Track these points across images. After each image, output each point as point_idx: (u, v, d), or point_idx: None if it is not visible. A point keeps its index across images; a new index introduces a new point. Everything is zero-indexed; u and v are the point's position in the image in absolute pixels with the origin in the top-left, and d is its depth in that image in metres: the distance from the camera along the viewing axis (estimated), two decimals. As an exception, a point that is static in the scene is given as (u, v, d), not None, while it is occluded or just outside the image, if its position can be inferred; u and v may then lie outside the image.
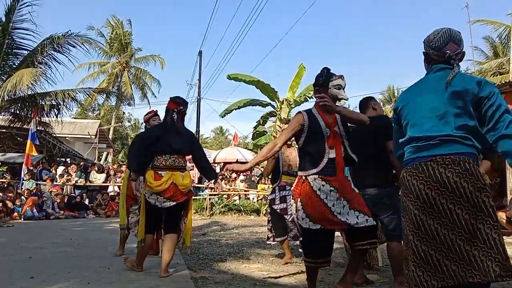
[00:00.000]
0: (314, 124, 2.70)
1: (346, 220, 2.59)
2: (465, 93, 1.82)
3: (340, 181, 2.66)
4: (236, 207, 11.81)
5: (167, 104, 3.72)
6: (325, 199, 2.61)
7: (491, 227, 1.73)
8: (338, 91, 2.73)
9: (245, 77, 16.93)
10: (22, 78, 10.89)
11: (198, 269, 3.93)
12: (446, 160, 1.79)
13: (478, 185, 1.76)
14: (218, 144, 41.91)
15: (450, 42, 1.92)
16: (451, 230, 1.76)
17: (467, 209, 1.75)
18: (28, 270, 3.68)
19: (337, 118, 2.76)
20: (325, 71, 2.76)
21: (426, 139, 1.86)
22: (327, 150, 2.66)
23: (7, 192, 10.56)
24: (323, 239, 2.67)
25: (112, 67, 27.35)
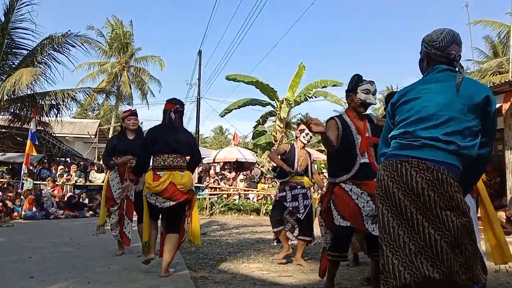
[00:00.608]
0: (347, 130, 2.83)
1: (366, 224, 2.74)
2: (470, 101, 1.77)
3: (371, 186, 2.70)
4: (236, 206, 11.82)
5: (164, 106, 3.77)
6: (356, 199, 2.77)
7: (447, 241, 1.66)
8: (366, 95, 2.81)
9: (244, 78, 16.92)
10: (21, 78, 10.87)
11: (198, 269, 3.92)
12: (421, 164, 1.74)
13: (445, 197, 1.70)
14: (218, 143, 41.91)
15: (453, 44, 1.88)
16: (407, 233, 1.72)
17: (427, 217, 1.71)
18: (27, 270, 3.68)
19: (368, 125, 2.86)
20: (355, 76, 2.87)
21: (411, 138, 1.81)
22: (358, 156, 2.78)
23: (7, 192, 10.55)
24: (348, 236, 2.87)
25: (112, 67, 27.34)
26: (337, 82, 17.09)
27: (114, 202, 4.59)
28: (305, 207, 4.38)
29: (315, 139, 18.44)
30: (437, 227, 1.69)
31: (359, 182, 2.79)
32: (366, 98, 2.82)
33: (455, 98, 1.78)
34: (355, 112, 2.92)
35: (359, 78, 2.88)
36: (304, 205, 4.38)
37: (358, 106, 2.88)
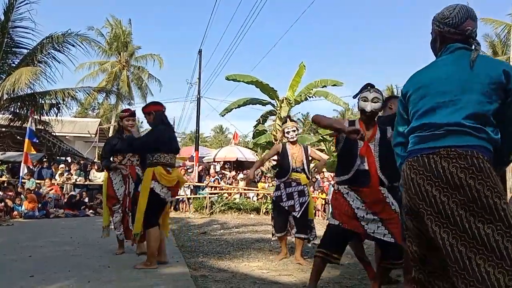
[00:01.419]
0: None
1: (365, 225, 2.75)
2: (488, 79, 1.59)
3: (368, 194, 2.77)
4: (236, 205, 11.82)
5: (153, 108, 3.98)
6: (351, 201, 2.79)
7: (502, 234, 1.45)
8: (364, 103, 2.85)
9: (244, 78, 16.90)
10: (21, 77, 10.86)
11: (198, 268, 3.93)
12: (451, 153, 1.56)
13: (488, 183, 1.50)
14: (218, 142, 41.87)
15: (468, 19, 1.72)
16: (452, 233, 1.52)
17: (471, 210, 1.49)
18: (28, 269, 3.68)
19: (377, 136, 2.87)
20: (364, 85, 2.92)
21: (432, 128, 1.64)
22: (357, 161, 2.80)
23: (7, 191, 10.55)
24: (339, 236, 2.81)
25: (112, 66, 27.32)
26: (337, 82, 17.07)
27: (116, 200, 4.60)
28: (301, 205, 4.38)
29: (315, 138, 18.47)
30: (485, 220, 1.48)
31: (356, 189, 2.81)
32: (364, 106, 2.85)
33: (471, 78, 1.62)
34: (365, 118, 2.94)
35: (364, 87, 2.93)
36: (300, 203, 4.39)
37: (360, 114, 2.94)
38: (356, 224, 2.77)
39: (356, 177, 2.81)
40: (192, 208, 12.16)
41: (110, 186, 4.62)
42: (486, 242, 1.46)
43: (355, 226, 2.77)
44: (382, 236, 2.73)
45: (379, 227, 2.74)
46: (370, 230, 2.75)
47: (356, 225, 2.77)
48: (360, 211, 2.77)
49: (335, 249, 2.82)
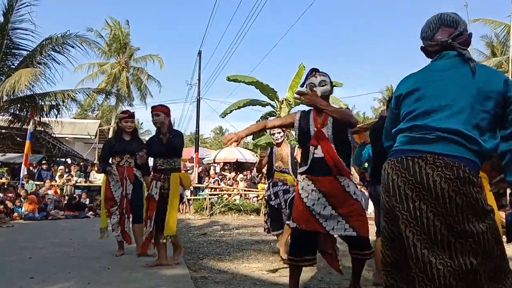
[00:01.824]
0: (304, 123, 2.78)
1: (323, 223, 2.64)
2: (488, 89, 1.56)
3: (326, 183, 2.64)
4: (236, 207, 11.82)
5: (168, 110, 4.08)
6: (305, 198, 2.67)
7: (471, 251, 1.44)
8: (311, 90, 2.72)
9: (245, 78, 16.96)
10: (20, 78, 10.88)
11: (198, 269, 3.92)
12: (437, 161, 1.51)
13: (468, 199, 1.46)
14: (217, 144, 41.88)
15: (442, 27, 1.69)
16: (424, 242, 1.48)
17: (448, 223, 1.46)
18: (27, 270, 3.68)
19: (329, 121, 2.71)
20: (309, 70, 2.82)
21: (424, 130, 1.58)
22: (311, 149, 2.68)
23: (7, 192, 10.56)
24: (303, 238, 2.69)
25: (111, 67, 27.33)
26: (337, 83, 17.09)
27: (114, 202, 4.60)
28: (286, 201, 4.43)
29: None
30: (458, 235, 1.46)
31: (314, 178, 2.67)
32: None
33: (470, 84, 1.58)
34: None
35: (309, 73, 2.80)
36: (284, 200, 4.45)
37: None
38: (314, 224, 2.65)
39: (313, 166, 2.67)
40: (192, 209, 12.16)
41: (108, 188, 4.62)
42: (454, 257, 1.44)
43: (313, 226, 2.65)
44: (343, 231, 2.62)
45: (339, 221, 2.63)
46: (329, 227, 2.63)
47: (314, 225, 2.65)
48: (317, 206, 2.63)
49: (303, 252, 2.69)
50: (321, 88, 2.71)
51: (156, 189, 3.97)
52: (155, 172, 4.05)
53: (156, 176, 4.01)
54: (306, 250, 2.70)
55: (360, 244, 2.69)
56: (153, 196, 3.97)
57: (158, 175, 3.99)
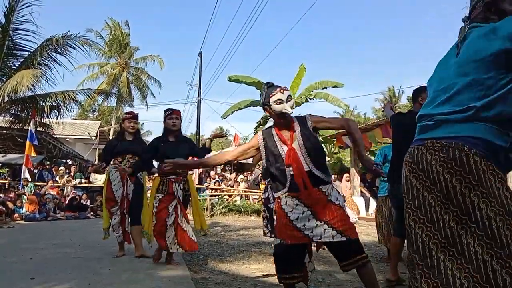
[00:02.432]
0: (271, 144, 2.63)
1: (309, 234, 2.49)
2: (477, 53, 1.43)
3: (309, 196, 2.52)
4: (237, 207, 11.81)
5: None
6: (289, 212, 2.54)
7: (474, 236, 1.34)
8: (280, 105, 2.57)
9: (246, 79, 16.98)
10: (22, 80, 10.89)
11: (199, 270, 3.92)
12: (436, 145, 1.46)
13: (467, 180, 1.37)
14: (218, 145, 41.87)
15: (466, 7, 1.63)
16: (426, 230, 1.44)
17: (447, 207, 1.40)
18: (28, 271, 3.68)
19: (297, 132, 2.61)
20: (265, 87, 2.66)
21: (425, 118, 1.57)
22: (287, 169, 2.54)
23: (8, 193, 10.57)
24: (289, 253, 2.54)
25: (112, 68, 27.36)
26: (338, 83, 17.11)
27: (115, 202, 4.60)
28: None
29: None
30: (459, 220, 1.38)
31: (295, 194, 2.54)
32: (282, 109, 2.58)
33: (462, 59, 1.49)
34: (279, 121, 2.66)
35: (270, 88, 2.63)
36: None
37: (277, 118, 2.65)
38: (298, 236, 2.50)
39: (291, 184, 2.54)
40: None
41: (109, 188, 4.62)
42: (458, 244, 1.37)
43: (298, 239, 2.51)
44: (331, 238, 2.46)
45: (325, 229, 2.48)
46: (316, 236, 2.48)
47: (299, 236, 2.50)
48: (301, 221, 2.50)
49: (291, 269, 2.56)
50: (289, 103, 2.60)
51: (181, 191, 4.16)
52: (175, 175, 4.12)
53: (178, 179, 4.16)
54: (293, 267, 2.56)
55: (352, 250, 2.49)
56: (179, 197, 4.13)
57: (179, 177, 4.16)
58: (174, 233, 4.02)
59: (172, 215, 4.05)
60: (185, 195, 4.22)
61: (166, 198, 4.07)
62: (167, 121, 4.21)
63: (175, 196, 4.09)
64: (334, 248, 2.51)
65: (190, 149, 4.30)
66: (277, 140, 2.62)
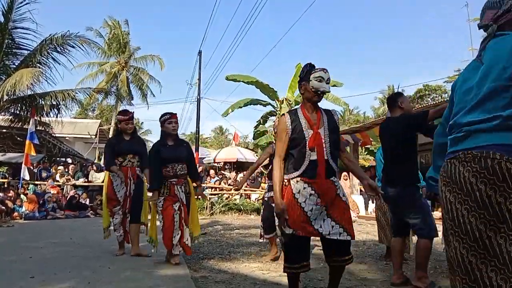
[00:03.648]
0: (297, 125, 2.61)
1: (319, 228, 2.51)
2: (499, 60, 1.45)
3: (322, 185, 2.53)
4: (236, 206, 11.82)
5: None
6: (303, 202, 2.52)
7: None
8: (320, 83, 2.58)
9: (244, 78, 16.94)
10: (21, 78, 10.87)
11: (198, 268, 3.92)
12: (467, 156, 1.45)
13: (501, 188, 1.35)
14: (218, 143, 41.89)
15: (486, 12, 1.62)
16: (462, 242, 1.43)
17: (482, 217, 1.38)
18: (28, 270, 3.68)
19: (324, 120, 2.63)
20: (308, 65, 2.67)
21: (454, 130, 1.57)
22: (308, 152, 2.54)
23: (8, 192, 10.57)
24: (299, 244, 2.56)
25: (111, 67, 27.32)
26: (337, 82, 17.09)
27: (117, 202, 4.59)
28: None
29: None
30: (497, 229, 1.36)
31: (310, 181, 2.53)
32: (320, 86, 2.57)
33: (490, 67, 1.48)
34: (309, 103, 2.65)
35: (312, 66, 2.66)
36: None
37: (312, 96, 2.62)
38: (310, 230, 2.52)
39: (308, 170, 2.54)
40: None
41: (110, 188, 4.61)
42: (498, 254, 1.34)
43: (309, 232, 2.53)
44: (338, 236, 2.51)
45: (333, 226, 2.52)
46: (325, 232, 2.51)
47: (311, 230, 2.52)
48: (315, 211, 2.52)
49: (301, 259, 2.57)
50: (328, 85, 2.60)
51: (183, 194, 4.17)
52: (176, 178, 4.15)
53: (179, 182, 4.18)
54: (303, 257, 2.58)
55: (344, 250, 2.57)
56: (183, 200, 4.14)
57: (180, 180, 4.19)
58: (180, 234, 4.03)
59: (177, 214, 4.06)
60: (186, 197, 4.23)
61: (170, 198, 4.09)
62: (167, 126, 4.24)
63: (178, 198, 4.11)
64: (332, 244, 2.55)
65: (188, 152, 4.34)
66: (303, 122, 2.61)
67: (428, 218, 3.19)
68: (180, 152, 4.22)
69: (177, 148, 4.21)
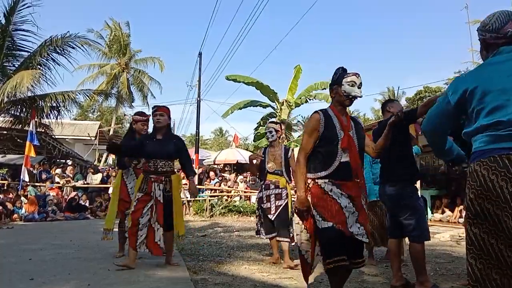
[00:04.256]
0: (329, 125, 2.62)
1: (349, 228, 2.49)
2: None
3: (354, 188, 2.54)
4: (236, 208, 11.81)
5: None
6: (338, 199, 2.52)
7: None
8: (352, 88, 2.61)
9: (244, 78, 16.95)
10: (22, 80, 10.88)
11: (198, 271, 3.92)
12: None
13: None
14: (218, 145, 41.88)
15: (509, 21, 1.72)
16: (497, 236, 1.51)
17: None
18: (27, 271, 3.67)
19: (352, 125, 2.68)
20: (340, 69, 2.70)
21: (509, 127, 1.57)
22: (339, 153, 2.56)
23: (7, 193, 10.56)
24: (337, 238, 2.48)
25: (111, 69, 27.34)
26: (337, 84, 17.10)
27: (130, 204, 4.48)
28: (277, 208, 4.36)
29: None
30: None
31: (339, 183, 2.53)
32: (352, 91, 2.60)
33: None
34: (340, 106, 2.70)
35: (344, 70, 2.69)
36: (275, 206, 4.37)
37: (343, 100, 2.66)
38: (345, 227, 2.49)
39: (338, 171, 2.53)
40: (192, 211, 12.15)
41: (124, 190, 4.55)
42: None
43: (345, 229, 2.49)
44: (361, 237, 2.51)
45: (359, 227, 2.52)
46: (355, 232, 2.50)
47: (345, 228, 2.49)
48: (347, 212, 2.51)
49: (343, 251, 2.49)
50: (359, 90, 2.64)
51: (160, 192, 3.98)
52: (155, 174, 4.02)
53: (158, 179, 4.00)
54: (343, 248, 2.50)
55: (360, 252, 2.60)
56: (158, 198, 3.96)
57: (160, 177, 4.00)
58: (146, 233, 3.91)
59: (146, 215, 3.92)
60: (166, 195, 4.01)
61: (144, 199, 3.97)
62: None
63: (152, 197, 3.96)
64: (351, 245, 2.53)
65: (178, 149, 4.14)
66: (336, 122, 2.63)
67: (422, 220, 3.20)
68: (166, 148, 4.02)
69: (163, 144, 4.04)
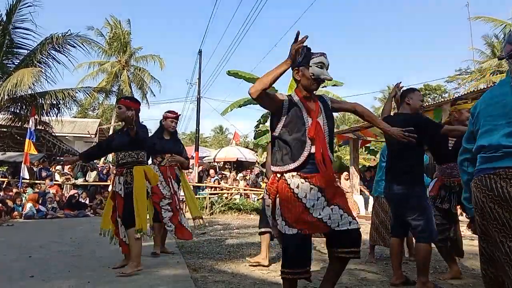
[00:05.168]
0: (294, 109, 2.32)
1: (327, 221, 2.24)
2: None
3: (323, 179, 2.28)
4: (236, 206, 11.83)
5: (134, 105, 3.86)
6: (303, 198, 2.23)
7: None
8: (321, 70, 2.33)
9: (245, 74, 16.92)
10: (23, 78, 10.88)
11: (198, 268, 3.92)
12: (509, 173, 1.67)
13: None
14: (218, 143, 41.88)
15: (506, 45, 1.81)
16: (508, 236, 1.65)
17: None
18: (27, 269, 3.68)
19: (321, 107, 2.38)
20: (304, 48, 2.34)
21: (492, 150, 1.76)
22: (308, 142, 2.26)
23: (7, 191, 10.56)
24: (302, 246, 2.26)
25: (112, 66, 27.31)
26: (337, 82, 17.07)
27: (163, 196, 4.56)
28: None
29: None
30: None
31: (308, 176, 2.26)
32: (321, 73, 2.32)
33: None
34: (306, 91, 2.38)
35: (309, 50, 2.37)
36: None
37: (311, 83, 2.35)
38: (317, 225, 2.24)
39: (306, 162, 2.25)
40: (192, 209, 12.15)
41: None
42: None
43: (317, 228, 2.26)
44: (348, 225, 2.25)
45: (342, 215, 2.25)
46: (334, 224, 2.24)
47: (318, 225, 2.25)
48: (318, 206, 2.24)
49: (300, 264, 2.27)
50: (328, 72, 2.37)
51: (120, 185, 3.74)
52: (117, 167, 3.83)
53: (119, 171, 3.79)
54: (307, 259, 2.30)
55: (355, 240, 2.31)
56: (119, 192, 3.74)
57: (121, 169, 3.77)
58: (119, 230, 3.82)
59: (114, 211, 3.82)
60: (127, 187, 3.70)
61: (112, 197, 3.86)
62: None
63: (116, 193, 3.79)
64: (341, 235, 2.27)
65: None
66: (302, 108, 2.33)
67: (431, 221, 3.10)
68: (124, 138, 3.76)
69: (123, 135, 3.80)
